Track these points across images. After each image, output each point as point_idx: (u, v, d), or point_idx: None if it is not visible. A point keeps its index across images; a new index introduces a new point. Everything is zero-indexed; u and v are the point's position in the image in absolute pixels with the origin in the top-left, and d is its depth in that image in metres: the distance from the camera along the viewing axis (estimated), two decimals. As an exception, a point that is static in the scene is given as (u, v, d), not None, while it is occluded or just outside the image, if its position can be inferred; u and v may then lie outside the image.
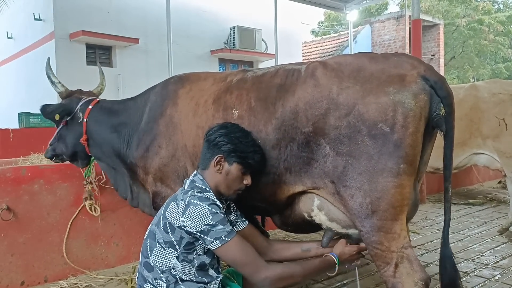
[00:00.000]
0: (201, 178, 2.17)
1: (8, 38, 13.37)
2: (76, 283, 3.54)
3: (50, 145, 3.36)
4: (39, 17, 11.29)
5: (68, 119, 3.19)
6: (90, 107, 3.16)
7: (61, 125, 3.23)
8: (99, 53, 11.45)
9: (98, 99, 3.29)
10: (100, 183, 3.77)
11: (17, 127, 8.91)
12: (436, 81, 2.06)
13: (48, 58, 3.39)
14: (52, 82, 3.24)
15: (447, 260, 2.20)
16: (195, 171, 2.25)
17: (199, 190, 2.10)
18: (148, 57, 11.98)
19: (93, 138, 3.15)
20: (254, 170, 2.23)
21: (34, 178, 3.52)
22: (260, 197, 2.40)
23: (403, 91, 2.00)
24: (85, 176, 3.62)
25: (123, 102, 3.22)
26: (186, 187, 2.16)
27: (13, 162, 4.20)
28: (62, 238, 3.63)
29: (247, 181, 2.21)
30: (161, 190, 2.76)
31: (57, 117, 3.18)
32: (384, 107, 2.00)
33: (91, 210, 3.70)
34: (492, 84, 4.89)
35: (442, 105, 2.03)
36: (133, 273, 3.69)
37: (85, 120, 3.13)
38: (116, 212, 3.94)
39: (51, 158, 3.41)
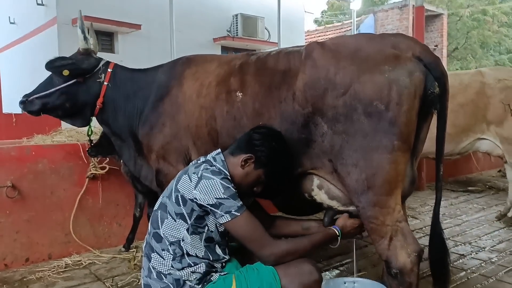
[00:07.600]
0: (223, 159, 2.16)
1: (11, 23, 13.36)
2: (80, 260, 3.62)
3: (37, 98, 3.08)
4: (42, 2, 11.27)
5: (86, 77, 3.03)
6: (110, 70, 3.07)
7: (73, 81, 3.01)
8: (101, 38, 11.43)
9: (113, 63, 3.16)
10: (103, 164, 3.83)
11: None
12: (431, 62, 2.09)
13: (80, 11, 3.11)
14: (85, 38, 3.05)
15: (436, 236, 2.26)
16: (219, 150, 2.22)
17: (215, 168, 2.09)
18: (151, 43, 11.94)
19: (110, 104, 3.05)
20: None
21: (38, 157, 3.59)
22: None
23: (398, 69, 2.04)
24: (87, 135, 3.45)
25: (135, 72, 3.14)
26: (199, 162, 2.16)
27: (17, 143, 4.25)
28: (66, 216, 3.71)
29: (257, 189, 2.23)
30: (163, 168, 2.80)
31: (65, 72, 2.97)
32: (379, 85, 2.04)
33: (96, 170, 3.76)
34: (497, 71, 4.92)
35: (436, 83, 2.07)
36: (136, 252, 3.77)
37: (105, 83, 3.03)
38: (119, 193, 4.00)
39: (37, 112, 3.12)
